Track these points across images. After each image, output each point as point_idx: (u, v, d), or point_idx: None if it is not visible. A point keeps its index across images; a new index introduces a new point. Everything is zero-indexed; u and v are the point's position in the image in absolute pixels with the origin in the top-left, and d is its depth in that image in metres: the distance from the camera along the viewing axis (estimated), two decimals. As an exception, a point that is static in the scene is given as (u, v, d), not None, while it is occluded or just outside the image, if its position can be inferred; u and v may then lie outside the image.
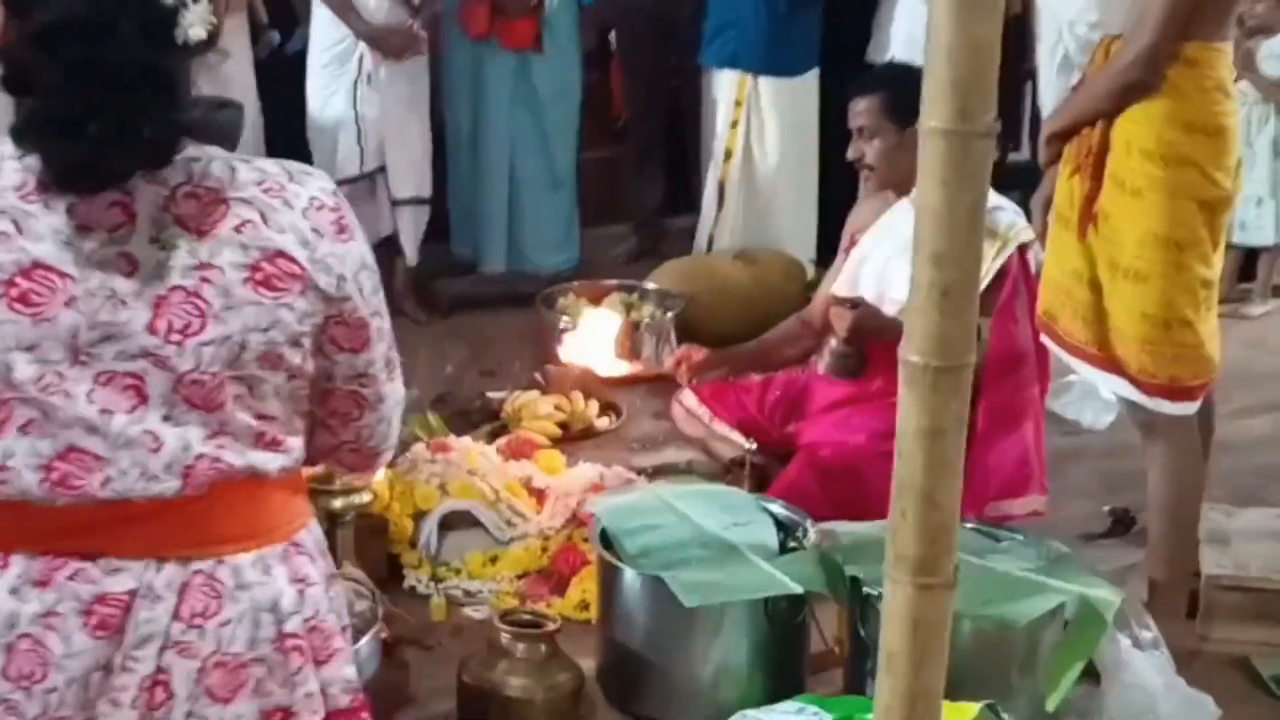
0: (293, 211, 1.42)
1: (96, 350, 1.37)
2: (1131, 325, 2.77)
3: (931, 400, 1.34)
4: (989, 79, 1.30)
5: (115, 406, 1.38)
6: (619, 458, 3.86)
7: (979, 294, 3.49)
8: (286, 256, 1.41)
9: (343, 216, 1.47)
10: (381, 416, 1.57)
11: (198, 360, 1.38)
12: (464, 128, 5.13)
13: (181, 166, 1.39)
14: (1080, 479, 3.63)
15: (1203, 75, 2.71)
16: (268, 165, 1.45)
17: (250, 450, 1.43)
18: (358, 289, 1.47)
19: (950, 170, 1.29)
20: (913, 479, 1.36)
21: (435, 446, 3.54)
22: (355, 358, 1.50)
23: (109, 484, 1.39)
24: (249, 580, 1.45)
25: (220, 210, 1.39)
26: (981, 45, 1.28)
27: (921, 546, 1.34)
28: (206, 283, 1.38)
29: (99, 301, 1.36)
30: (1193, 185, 2.71)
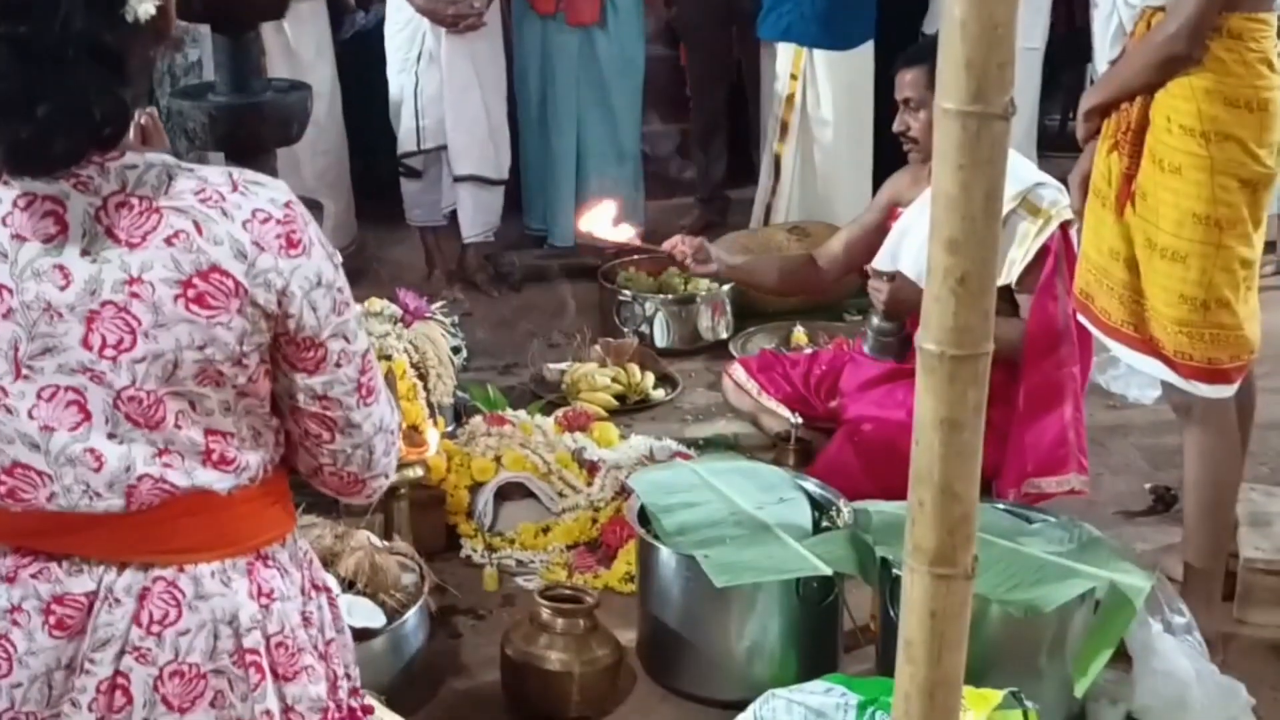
0: (231, 223, 1.29)
1: (38, 363, 1.29)
2: (1169, 306, 2.58)
3: (949, 390, 1.25)
4: (1005, 58, 1.19)
5: (58, 423, 1.30)
6: (672, 429, 3.77)
7: (1022, 272, 3.31)
8: (220, 271, 1.28)
9: (293, 230, 1.32)
10: (357, 443, 1.42)
11: (133, 377, 1.29)
12: (533, 104, 5.03)
13: (116, 174, 1.28)
14: (1123, 454, 3.45)
15: (1246, 48, 2.49)
16: (212, 174, 1.32)
17: (198, 469, 1.33)
18: (308, 307, 1.32)
19: (966, 153, 1.19)
20: (930, 470, 1.27)
21: (492, 420, 3.47)
22: (310, 379, 1.36)
23: (54, 499, 1.32)
24: (209, 591, 1.36)
25: (153, 221, 1.27)
26: (998, 23, 1.17)
27: (939, 537, 1.26)
28: (136, 298, 1.27)
29: (35, 314, 1.28)
30: (1234, 162, 2.50)
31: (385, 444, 1.46)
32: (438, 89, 4.63)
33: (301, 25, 4.63)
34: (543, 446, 3.38)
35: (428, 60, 4.62)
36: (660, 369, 4.13)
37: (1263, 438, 2.95)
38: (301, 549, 1.47)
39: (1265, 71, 2.49)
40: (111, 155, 1.29)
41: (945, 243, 1.22)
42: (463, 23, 4.53)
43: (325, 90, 4.68)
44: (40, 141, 1.24)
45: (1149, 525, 3.20)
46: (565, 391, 3.93)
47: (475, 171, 4.72)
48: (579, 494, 3.27)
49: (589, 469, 3.36)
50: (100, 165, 1.28)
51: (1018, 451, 3.04)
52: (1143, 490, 3.32)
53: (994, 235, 1.23)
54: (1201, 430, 2.65)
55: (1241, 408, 2.71)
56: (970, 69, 1.18)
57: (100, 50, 1.24)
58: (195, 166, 1.33)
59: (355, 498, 1.51)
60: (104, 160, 1.28)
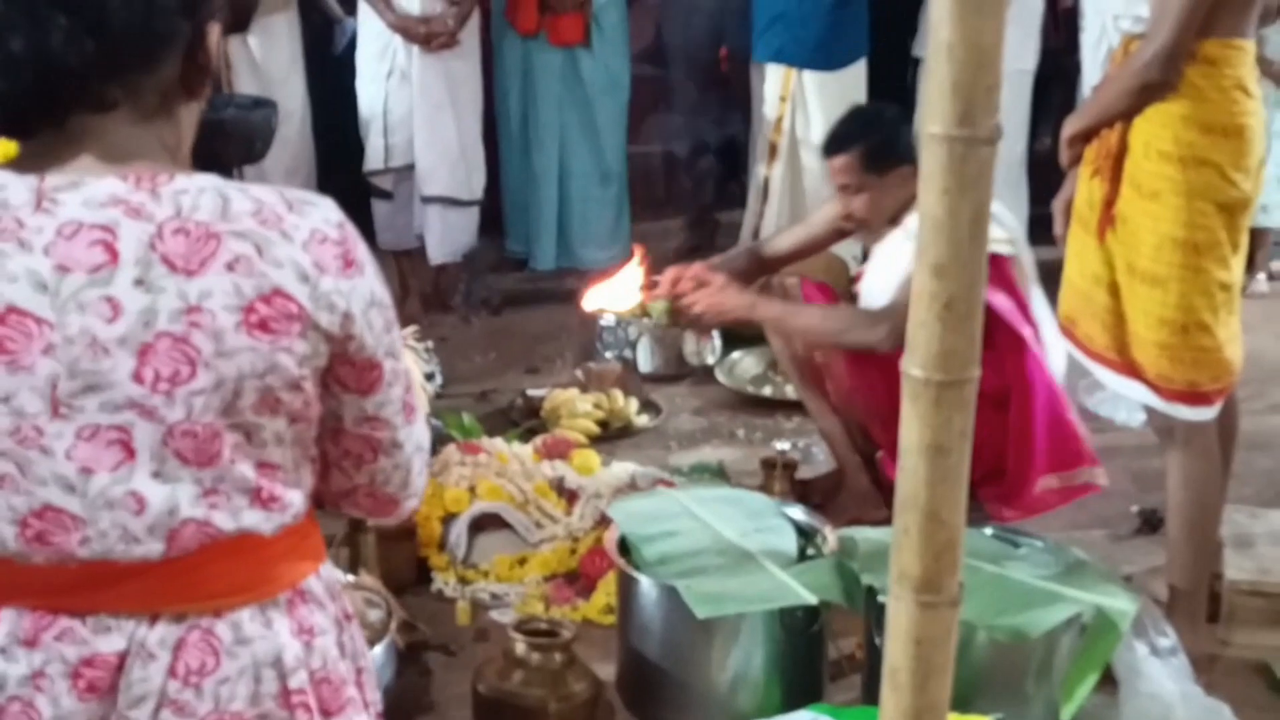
0: (291, 245, 1.28)
1: (78, 402, 1.25)
2: (1149, 330, 2.66)
3: (934, 416, 1.27)
4: (992, 82, 1.23)
5: (97, 464, 1.27)
6: (655, 457, 3.83)
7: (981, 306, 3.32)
8: (284, 294, 1.27)
9: (349, 250, 1.32)
10: (398, 463, 1.43)
11: (189, 410, 1.26)
12: (514, 124, 5.10)
13: (170, 199, 1.26)
14: (1111, 477, 3.50)
15: (1222, 74, 2.58)
16: (265, 194, 1.30)
17: (245, 510, 1.32)
18: (366, 327, 1.32)
19: (952, 177, 1.22)
20: (916, 495, 1.29)
21: (465, 448, 3.51)
22: (364, 400, 1.36)
23: (87, 544, 1.29)
24: (249, 635, 1.34)
25: (211, 246, 1.25)
26: (984, 46, 1.20)
27: (925, 564, 1.28)
28: (196, 327, 1.25)
29: (79, 349, 1.24)
30: (1211, 187, 2.60)
31: (421, 463, 1.46)
32: (408, 107, 4.70)
33: (272, 40, 4.67)
34: (520, 475, 3.42)
35: (399, 77, 4.69)
36: (643, 394, 4.18)
37: (1246, 459, 3.03)
38: (332, 577, 1.47)
39: (1240, 97, 2.58)
40: (163, 179, 1.28)
41: (931, 267, 1.25)
42: (435, 41, 4.60)
43: (296, 107, 4.74)
44: (8, 79, 1.23)
45: (1136, 548, 3.28)
46: (545, 418, 3.98)
47: (445, 193, 4.77)
48: (557, 524, 3.31)
49: (568, 498, 3.40)
50: (152, 190, 1.27)
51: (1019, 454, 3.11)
52: (1130, 513, 3.39)
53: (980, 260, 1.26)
54: (1184, 453, 2.73)
55: (1224, 430, 2.80)
56: (957, 92, 1.21)
57: (73, 1, 1.23)
58: (246, 185, 1.32)
59: (388, 518, 1.51)
60: (155, 185, 1.28)
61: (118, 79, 1.28)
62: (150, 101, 1.31)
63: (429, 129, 4.71)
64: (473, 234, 4.93)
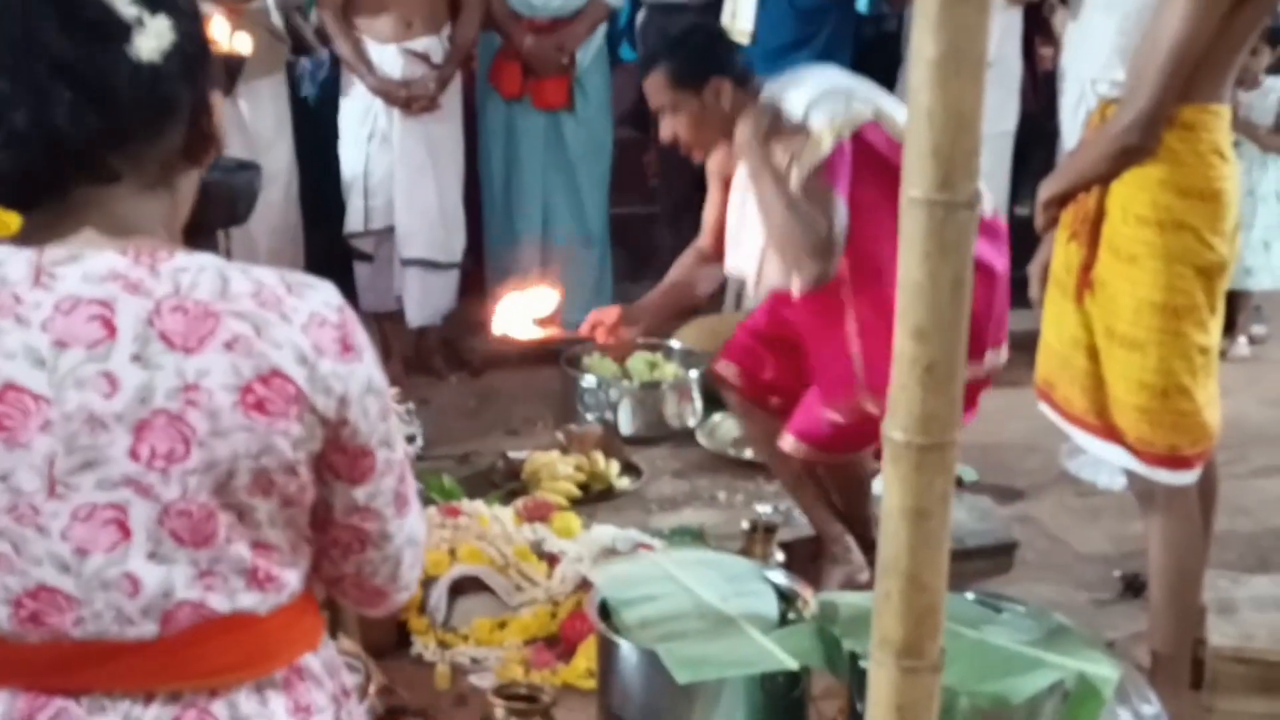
0: (290, 327, 1.28)
1: (75, 479, 1.25)
2: (1129, 393, 2.68)
3: (915, 479, 1.28)
4: (972, 146, 1.24)
5: (93, 545, 1.26)
6: (637, 519, 3.82)
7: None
8: (283, 376, 1.26)
9: (348, 334, 1.31)
10: (387, 555, 1.41)
11: (184, 489, 1.26)
12: (498, 187, 5.13)
13: (169, 277, 1.26)
14: (1093, 542, 3.53)
15: (1199, 139, 2.62)
16: (265, 276, 1.30)
17: (241, 591, 1.31)
18: (361, 413, 1.32)
19: (933, 242, 1.22)
20: (897, 560, 1.29)
21: (445, 510, 3.51)
22: (354, 489, 1.35)
23: (81, 624, 1.27)
24: (246, 714, 1.33)
25: (210, 325, 1.25)
26: (964, 111, 1.21)
27: (906, 629, 1.28)
28: (193, 406, 1.24)
29: (77, 425, 1.24)
30: (1189, 251, 2.62)
31: (413, 556, 1.44)
32: (388, 169, 4.72)
33: (259, 103, 4.70)
34: (500, 538, 3.41)
35: (380, 140, 4.71)
36: (624, 457, 4.18)
37: (1228, 524, 3.04)
38: (330, 654, 1.45)
39: (1217, 161, 2.61)
40: (162, 255, 1.28)
41: (912, 331, 1.25)
42: (415, 104, 4.63)
43: (282, 169, 4.75)
44: (12, 153, 1.23)
45: (1119, 613, 3.27)
46: (526, 481, 3.98)
47: (424, 255, 4.78)
48: (538, 587, 3.30)
49: (549, 561, 3.40)
50: (151, 267, 1.27)
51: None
52: (1112, 578, 3.39)
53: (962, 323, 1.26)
54: (1165, 517, 2.74)
55: (1204, 494, 2.81)
56: (937, 156, 1.22)
57: (79, 69, 1.23)
58: (247, 267, 1.32)
59: (375, 610, 1.49)
60: (154, 261, 1.28)
61: (122, 150, 1.28)
62: (152, 171, 1.32)
63: (409, 192, 4.73)
64: (452, 296, 4.94)
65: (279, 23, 4.78)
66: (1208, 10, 2.48)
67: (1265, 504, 3.79)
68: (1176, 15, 2.49)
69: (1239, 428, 4.05)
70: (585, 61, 5.06)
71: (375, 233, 4.81)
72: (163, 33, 1.27)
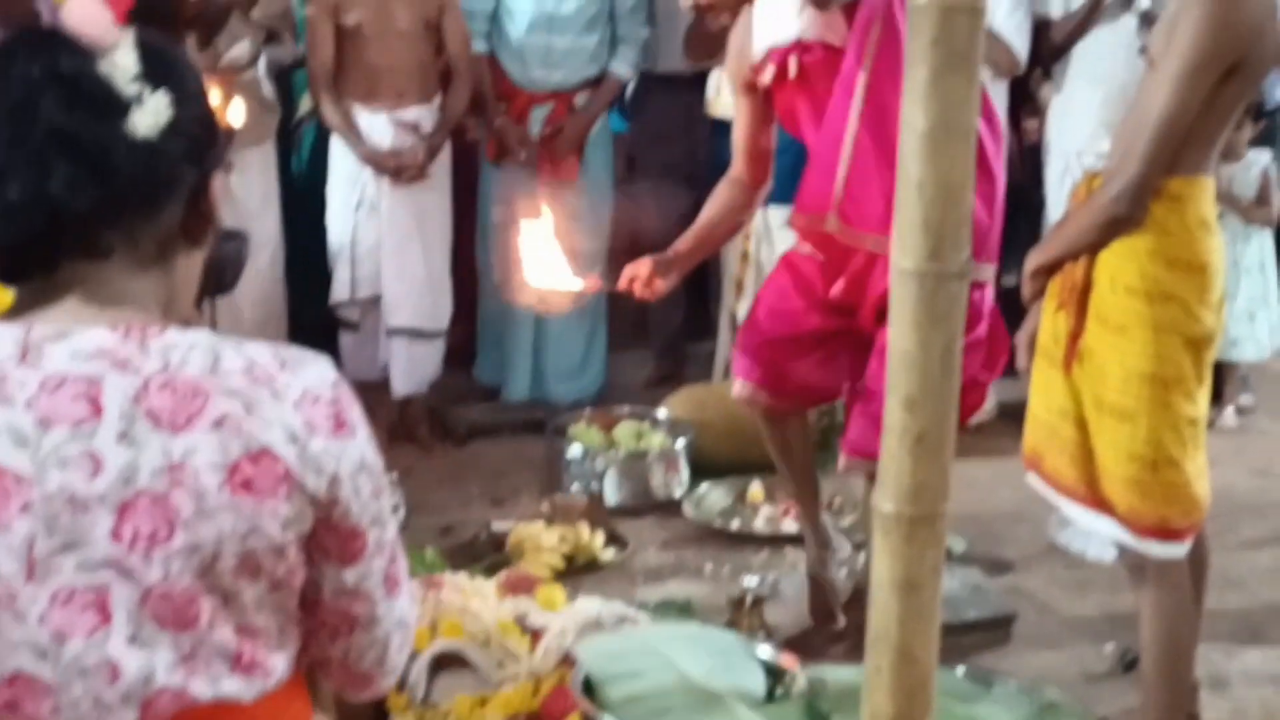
0: (282, 404, 1.26)
1: (55, 561, 1.22)
2: (1118, 465, 2.66)
3: (906, 550, 1.26)
4: (962, 217, 1.23)
5: (72, 629, 1.23)
6: (623, 591, 3.77)
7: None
8: (271, 455, 1.24)
9: (342, 410, 1.30)
10: (375, 638, 1.38)
11: (166, 571, 1.23)
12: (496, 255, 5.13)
13: (158, 353, 1.25)
14: (1084, 615, 3.49)
15: (1186, 210, 2.62)
16: (258, 352, 1.29)
17: (224, 677, 1.27)
18: (353, 492, 1.30)
19: (923, 311, 1.22)
20: (888, 632, 1.27)
21: (427, 583, 3.46)
22: (345, 570, 1.33)
23: (58, 713, 1.24)
24: None
25: (198, 403, 1.23)
26: (954, 183, 1.21)
27: (897, 705, 1.26)
28: (178, 486, 1.22)
29: (58, 506, 1.21)
30: (1177, 322, 2.62)
31: (402, 639, 1.42)
32: (375, 238, 4.72)
33: (248, 173, 4.70)
34: (483, 612, 3.36)
35: (368, 209, 4.72)
36: (610, 528, 4.14)
37: (1219, 597, 3.00)
38: None
39: (1203, 234, 2.62)
40: (153, 331, 1.27)
41: (903, 401, 1.25)
42: (405, 174, 4.64)
43: (270, 240, 4.76)
44: (7, 224, 1.22)
45: (1111, 688, 3.21)
46: (510, 552, 3.93)
47: (411, 324, 4.77)
48: (520, 663, 3.24)
49: (532, 635, 3.34)
50: (141, 343, 1.26)
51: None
52: (1104, 652, 3.34)
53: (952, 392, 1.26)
54: (1156, 591, 2.70)
55: (1195, 566, 2.79)
56: (927, 228, 1.22)
57: (78, 142, 1.23)
58: (240, 342, 1.30)
59: (360, 695, 1.45)
60: (144, 338, 1.26)
61: (117, 225, 1.27)
62: (148, 250, 1.31)
63: (396, 260, 4.73)
64: (437, 365, 4.92)
65: (270, 93, 4.81)
66: (1196, 83, 2.50)
67: (1256, 576, 3.75)
68: (1165, 88, 2.51)
69: (1228, 499, 4.02)
70: (592, 133, 5.09)
71: (361, 302, 4.80)
72: (160, 110, 1.27)
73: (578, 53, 5.01)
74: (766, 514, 4.26)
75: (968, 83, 1.21)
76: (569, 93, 5.04)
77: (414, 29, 4.64)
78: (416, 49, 4.67)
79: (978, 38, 1.18)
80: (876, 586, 1.24)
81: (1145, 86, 2.64)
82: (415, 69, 4.68)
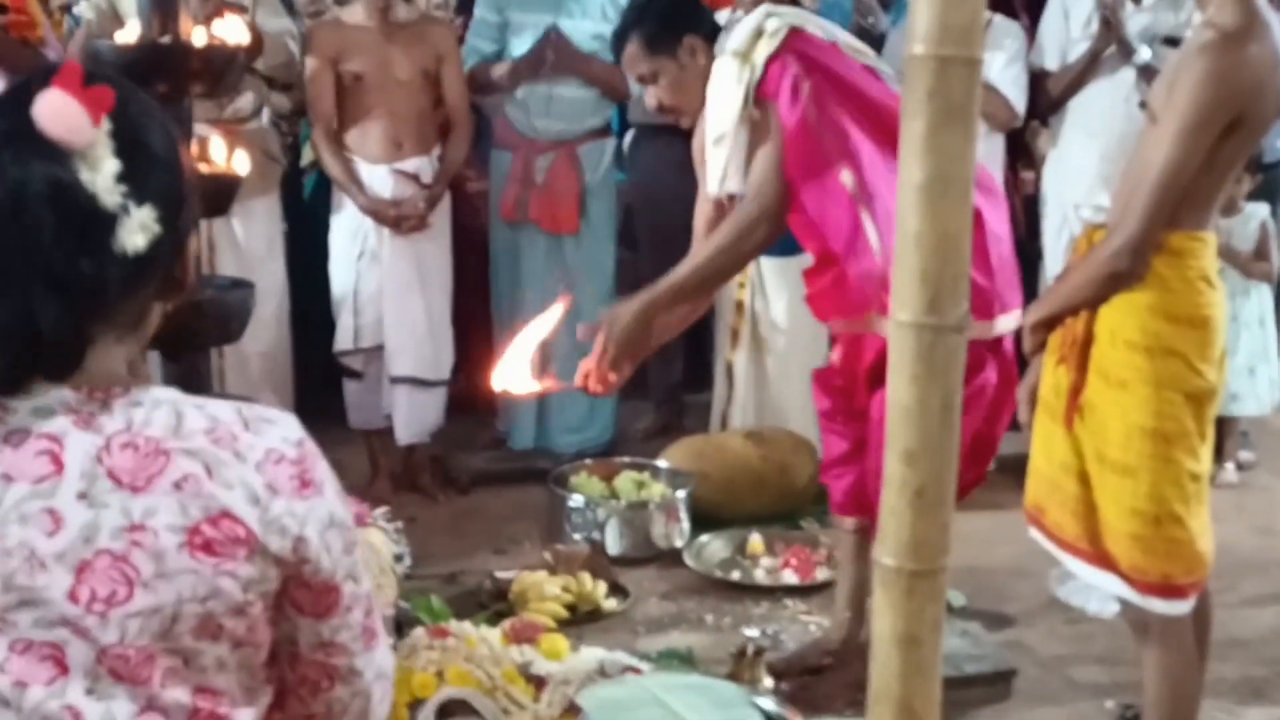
0: (244, 465, 1.26)
1: (12, 616, 1.22)
2: (1121, 520, 2.65)
3: (907, 606, 1.26)
4: (960, 270, 1.23)
5: (32, 677, 1.22)
6: (624, 641, 3.76)
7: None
8: (232, 517, 1.24)
9: (307, 469, 1.30)
10: (356, 691, 1.38)
11: (122, 633, 1.22)
12: (505, 304, 5.15)
13: (121, 412, 1.25)
14: (1085, 671, 3.47)
15: (1187, 265, 2.64)
16: (222, 412, 1.28)
17: None
18: (324, 549, 1.29)
19: (921, 364, 1.22)
20: (888, 687, 1.27)
21: (434, 632, 3.45)
22: (320, 624, 1.33)
23: None
24: None
25: (160, 463, 1.23)
26: (952, 235, 1.21)
27: None
28: (137, 546, 1.22)
29: (16, 562, 1.21)
30: (1178, 377, 2.62)
31: (382, 691, 1.41)
32: (377, 287, 4.74)
33: (252, 222, 4.75)
34: (488, 660, 3.35)
35: (370, 258, 4.74)
36: (612, 577, 4.13)
37: (1224, 654, 2.98)
38: None
39: (1204, 288, 2.63)
40: (117, 391, 1.26)
41: (902, 454, 1.24)
42: (405, 224, 4.66)
43: (276, 289, 4.79)
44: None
45: (1114, 747, 3.21)
46: (513, 601, 3.93)
47: (412, 373, 4.78)
48: (525, 711, 3.23)
49: (536, 684, 3.33)
50: (104, 401, 1.25)
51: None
52: (1106, 709, 3.32)
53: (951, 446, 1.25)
54: (1160, 648, 2.69)
55: (1198, 623, 2.77)
56: (925, 280, 1.22)
57: (65, 273, 1.22)
58: (205, 402, 1.30)
59: None
60: (108, 396, 1.26)
61: (101, 322, 1.27)
62: (125, 325, 1.30)
63: (398, 309, 4.75)
64: (440, 414, 4.92)
65: (275, 144, 4.84)
66: (1198, 138, 2.51)
67: (1258, 634, 3.72)
68: (1167, 142, 2.52)
69: (1230, 556, 4.00)
70: (594, 184, 5.11)
71: (364, 350, 4.81)
72: (148, 224, 1.26)
73: (580, 103, 5.04)
74: (767, 565, 4.26)
75: (963, 137, 1.22)
76: (572, 143, 5.07)
77: (413, 79, 4.68)
78: (416, 99, 4.71)
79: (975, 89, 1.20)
80: (876, 641, 1.24)
81: (1145, 140, 2.65)
82: (414, 119, 4.72)
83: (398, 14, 4.67)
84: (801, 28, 3.15)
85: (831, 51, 3.17)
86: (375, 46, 4.64)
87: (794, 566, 4.21)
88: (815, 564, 4.20)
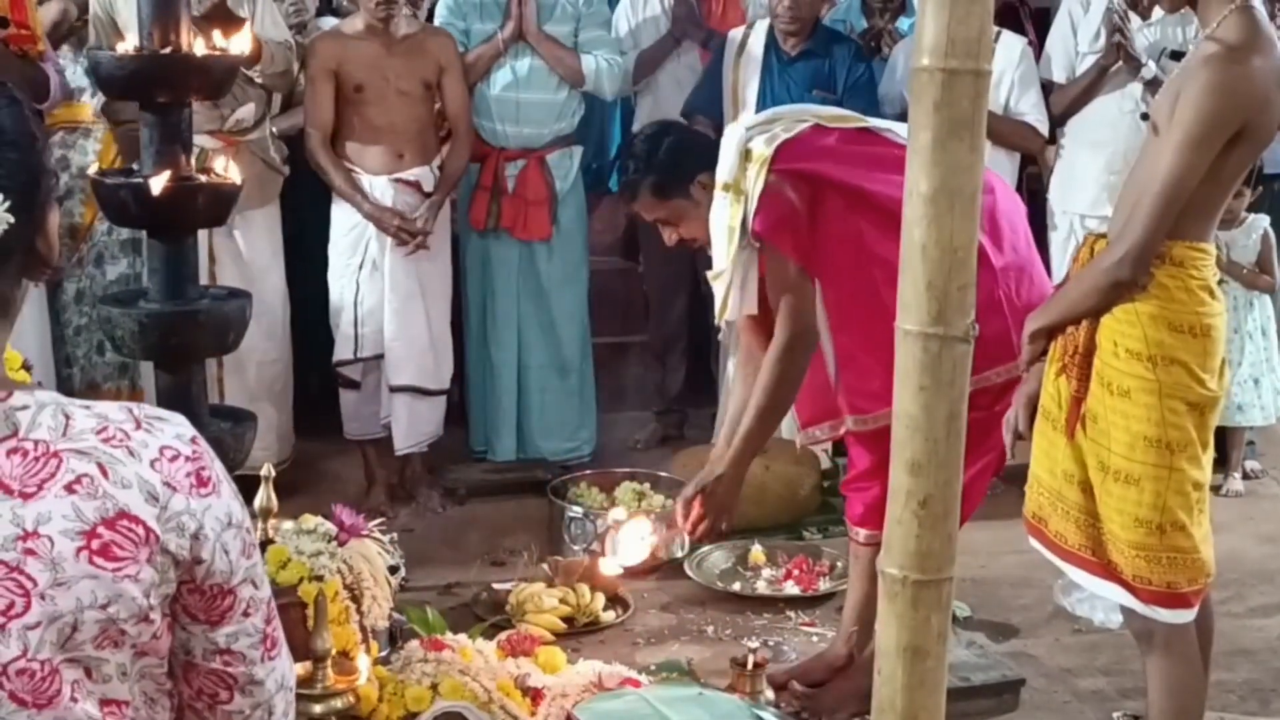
0: (139, 463, 1.21)
1: None
2: (1124, 529, 2.66)
3: (912, 616, 1.26)
4: (966, 281, 1.24)
5: None
6: (623, 653, 3.75)
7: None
8: (130, 517, 1.20)
9: (203, 467, 1.26)
10: (258, 702, 1.33)
11: (24, 646, 1.17)
12: (475, 316, 5.15)
13: (5, 418, 1.20)
14: (1091, 681, 3.47)
15: (1189, 275, 2.65)
16: (111, 411, 1.24)
17: None
18: (220, 550, 1.26)
19: (927, 375, 1.23)
20: (893, 700, 1.27)
21: (429, 644, 3.44)
22: (214, 631, 1.28)
23: None
24: None
25: (51, 466, 1.19)
26: (958, 246, 1.21)
27: None
28: (31, 555, 1.17)
29: None
30: (1181, 386, 2.63)
31: (285, 703, 1.37)
32: (379, 298, 4.75)
33: (253, 233, 4.75)
34: (484, 673, 3.35)
35: (370, 268, 4.74)
36: (611, 589, 4.12)
37: (1229, 664, 2.99)
38: None
39: (1206, 298, 2.64)
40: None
41: (907, 465, 1.24)
42: (409, 243, 4.66)
43: (277, 299, 4.80)
44: None
45: (1121, 758, 3.21)
46: (510, 613, 3.92)
47: (413, 382, 4.78)
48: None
49: (533, 697, 3.33)
50: None
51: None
52: (1111, 718, 3.33)
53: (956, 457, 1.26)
54: (1164, 657, 2.70)
55: (1201, 632, 2.78)
56: (932, 291, 1.22)
57: None
58: (91, 403, 1.26)
59: None
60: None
61: None
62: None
63: (400, 319, 4.75)
64: (438, 424, 4.93)
65: (276, 155, 4.85)
66: (1200, 150, 2.52)
67: (1266, 643, 3.73)
68: (1169, 154, 2.54)
69: (1236, 565, 4.03)
70: (563, 192, 5.11)
71: (364, 360, 4.81)
72: (2, 218, 1.21)
73: (546, 107, 5.03)
74: (768, 576, 4.26)
75: (972, 147, 1.23)
76: (540, 150, 5.06)
77: (414, 90, 4.69)
78: (416, 110, 4.72)
79: (982, 102, 1.20)
80: (882, 654, 1.24)
81: (1147, 151, 2.67)
82: (415, 130, 4.73)
83: (398, 25, 4.68)
84: (785, 140, 3.19)
85: (818, 151, 3.21)
86: (376, 58, 4.65)
87: (796, 577, 4.21)
88: (818, 575, 4.21)
